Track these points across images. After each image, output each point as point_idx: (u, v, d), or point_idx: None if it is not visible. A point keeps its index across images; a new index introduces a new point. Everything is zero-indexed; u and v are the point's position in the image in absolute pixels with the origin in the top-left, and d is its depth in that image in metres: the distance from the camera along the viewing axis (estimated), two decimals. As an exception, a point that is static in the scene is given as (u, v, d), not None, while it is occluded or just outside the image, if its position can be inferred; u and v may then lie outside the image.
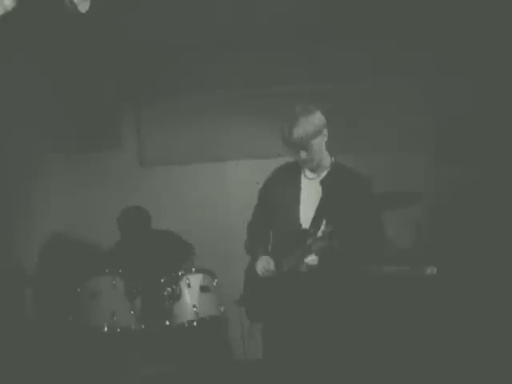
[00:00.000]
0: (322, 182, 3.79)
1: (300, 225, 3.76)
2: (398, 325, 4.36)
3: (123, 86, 5.82)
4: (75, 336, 4.63)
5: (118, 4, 4.80)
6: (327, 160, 3.83)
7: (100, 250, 5.62)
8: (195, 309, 4.68)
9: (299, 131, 3.66)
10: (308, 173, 3.85)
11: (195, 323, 4.66)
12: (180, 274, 4.79)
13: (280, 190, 3.90)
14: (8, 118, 5.32)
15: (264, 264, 3.86)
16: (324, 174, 3.82)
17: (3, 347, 4.92)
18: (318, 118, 3.72)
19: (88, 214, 5.79)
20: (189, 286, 4.75)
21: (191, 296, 4.73)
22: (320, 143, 3.73)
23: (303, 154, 3.71)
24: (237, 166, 5.91)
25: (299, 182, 3.85)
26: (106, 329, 4.55)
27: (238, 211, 5.85)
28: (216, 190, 5.92)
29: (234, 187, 5.91)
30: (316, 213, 3.74)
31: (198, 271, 4.89)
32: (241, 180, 5.89)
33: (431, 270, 4.40)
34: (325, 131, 3.74)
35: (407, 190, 3.83)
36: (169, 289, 4.74)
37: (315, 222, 3.72)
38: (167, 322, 4.68)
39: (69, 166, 5.87)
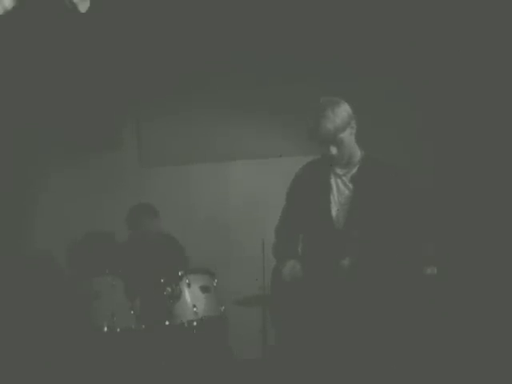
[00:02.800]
0: (353, 179, 3.57)
1: (332, 226, 3.55)
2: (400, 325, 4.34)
3: (123, 86, 5.82)
4: (75, 336, 4.63)
5: (118, 4, 4.81)
6: (357, 154, 3.59)
7: (100, 249, 5.63)
8: (195, 309, 4.68)
9: (327, 124, 3.43)
10: (337, 169, 3.61)
11: (195, 323, 4.66)
12: (180, 274, 4.78)
13: (308, 190, 3.66)
14: (8, 117, 5.32)
15: (291, 269, 3.64)
16: (355, 169, 3.59)
17: (3, 347, 4.93)
18: (344, 110, 3.49)
19: (88, 214, 5.78)
20: (189, 286, 4.75)
21: (191, 296, 4.73)
22: (349, 136, 3.50)
23: (333, 150, 3.49)
24: (237, 166, 5.91)
25: (329, 180, 3.62)
26: (105, 329, 4.56)
27: (238, 211, 5.88)
28: (216, 190, 5.92)
29: (234, 187, 5.91)
30: (349, 212, 3.52)
31: (197, 271, 4.90)
32: (241, 180, 5.90)
33: (431, 270, 4.39)
34: (353, 123, 3.51)
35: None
36: (169, 289, 4.73)
37: (348, 222, 3.51)
38: (167, 322, 4.67)
39: (69, 166, 5.87)
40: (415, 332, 3.87)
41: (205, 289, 4.78)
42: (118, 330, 4.59)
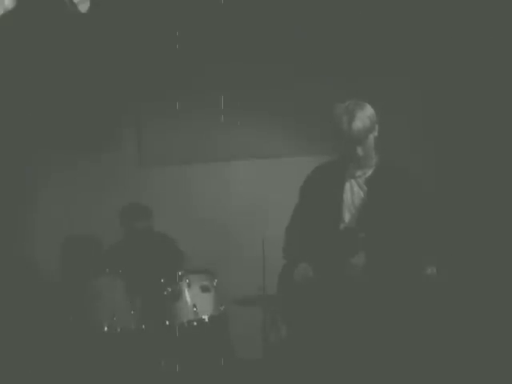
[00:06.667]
0: (368, 181, 3.61)
1: (344, 226, 3.58)
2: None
3: (123, 86, 5.81)
4: (75, 336, 4.64)
5: (118, 4, 4.81)
6: (374, 157, 3.63)
7: (100, 250, 5.63)
8: (195, 309, 4.69)
9: (359, 125, 3.48)
10: (353, 171, 3.65)
11: (195, 323, 4.67)
12: (180, 273, 4.79)
13: (321, 190, 3.68)
14: (8, 117, 5.32)
15: (303, 272, 3.63)
16: (370, 172, 3.63)
17: (3, 347, 4.93)
18: (371, 112, 3.56)
19: (88, 214, 5.78)
20: (189, 285, 4.76)
21: (191, 296, 4.73)
22: (372, 139, 3.57)
23: (360, 151, 3.52)
24: (237, 166, 5.91)
25: (342, 181, 3.66)
26: (106, 329, 4.56)
27: (238, 211, 5.88)
28: (216, 190, 5.92)
29: (234, 187, 5.91)
30: (361, 213, 3.56)
31: (197, 271, 4.90)
32: (241, 180, 5.89)
33: (431, 270, 4.38)
34: (376, 126, 3.58)
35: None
36: (169, 289, 4.74)
37: (361, 224, 3.53)
38: (167, 322, 4.68)
39: (69, 166, 5.86)
40: (422, 333, 3.87)
41: (205, 288, 4.79)
42: (119, 329, 4.59)
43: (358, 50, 5.59)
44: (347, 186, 3.65)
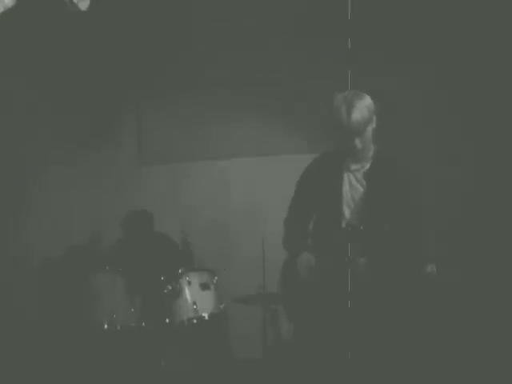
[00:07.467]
0: (367, 175, 3.59)
1: (344, 221, 3.56)
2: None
3: (123, 86, 5.82)
4: (75, 334, 4.65)
5: (118, 3, 4.82)
6: (372, 150, 3.61)
7: (100, 248, 5.63)
8: (195, 306, 4.70)
9: (357, 115, 3.45)
10: (351, 164, 3.62)
11: (195, 321, 4.68)
12: (180, 271, 4.80)
13: (319, 184, 3.66)
14: (8, 116, 5.34)
15: (305, 261, 3.64)
16: (367, 165, 3.61)
17: (3, 346, 4.94)
18: (370, 103, 3.53)
19: (88, 214, 5.79)
20: (189, 283, 4.77)
21: (191, 294, 4.74)
22: (370, 131, 3.55)
23: (358, 143, 3.50)
24: (237, 164, 5.92)
25: (341, 175, 3.62)
26: (106, 326, 4.57)
27: (239, 210, 5.88)
28: (216, 189, 5.92)
29: (234, 186, 5.91)
30: (363, 209, 3.55)
31: (198, 269, 4.91)
32: (241, 179, 5.90)
33: (431, 269, 4.39)
34: (374, 118, 3.55)
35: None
36: (169, 286, 4.75)
37: (361, 217, 3.53)
38: (167, 320, 4.69)
39: (69, 165, 5.87)
40: (422, 330, 3.87)
41: (205, 286, 4.80)
42: (119, 327, 4.60)
43: (357, 50, 5.59)
44: (345, 179, 3.62)
